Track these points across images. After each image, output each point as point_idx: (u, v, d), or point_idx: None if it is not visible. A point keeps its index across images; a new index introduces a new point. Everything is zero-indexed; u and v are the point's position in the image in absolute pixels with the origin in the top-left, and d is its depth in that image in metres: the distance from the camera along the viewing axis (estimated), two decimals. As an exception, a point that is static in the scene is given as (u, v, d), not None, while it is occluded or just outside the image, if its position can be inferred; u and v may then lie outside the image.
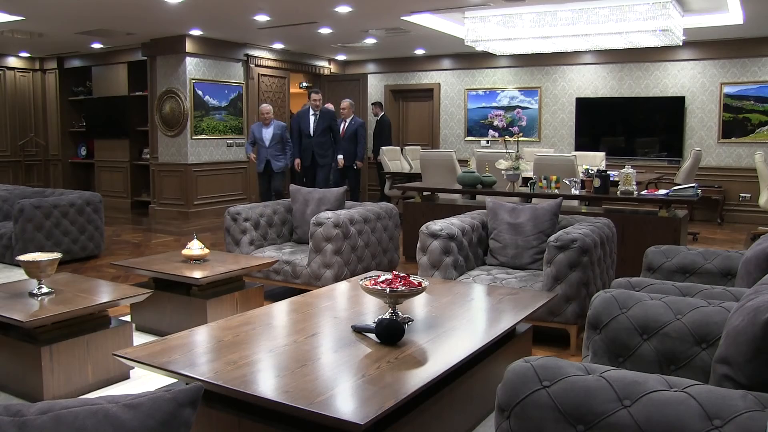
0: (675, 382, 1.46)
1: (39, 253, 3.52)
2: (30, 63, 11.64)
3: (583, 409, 1.45)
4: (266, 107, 8.41)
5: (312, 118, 8.44)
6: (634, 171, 5.63)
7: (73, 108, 11.83)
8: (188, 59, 9.39)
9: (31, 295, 3.45)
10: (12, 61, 11.39)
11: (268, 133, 8.32)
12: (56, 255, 3.49)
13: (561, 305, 3.88)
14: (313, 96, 8.51)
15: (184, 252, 4.34)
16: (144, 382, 3.43)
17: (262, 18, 7.84)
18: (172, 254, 4.64)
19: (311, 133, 8.42)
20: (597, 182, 5.57)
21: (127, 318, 4.20)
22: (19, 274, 5.06)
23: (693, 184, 5.44)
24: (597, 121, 10.32)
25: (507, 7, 7.01)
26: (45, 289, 3.47)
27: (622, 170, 5.58)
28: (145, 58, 9.97)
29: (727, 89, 9.38)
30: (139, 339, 3.81)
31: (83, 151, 11.87)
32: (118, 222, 9.38)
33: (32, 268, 3.41)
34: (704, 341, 2.06)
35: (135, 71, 10.58)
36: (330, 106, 9.69)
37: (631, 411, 1.41)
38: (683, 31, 7.47)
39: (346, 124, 8.81)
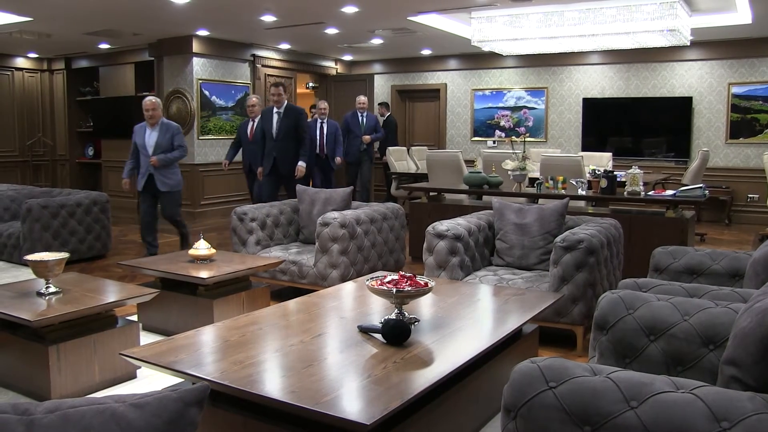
0: (682, 384, 1.45)
1: (46, 253, 3.54)
2: (38, 63, 11.69)
3: (590, 410, 1.44)
4: (150, 101, 6.27)
5: (275, 117, 7.00)
6: (641, 171, 5.61)
7: (81, 108, 11.88)
8: (195, 59, 9.42)
9: (39, 294, 3.47)
10: (20, 62, 11.45)
11: (152, 138, 6.22)
12: (63, 255, 3.51)
13: (567, 306, 3.87)
14: (272, 90, 7.05)
15: (191, 252, 4.35)
16: (150, 381, 3.44)
17: (268, 18, 7.85)
18: (179, 254, 4.65)
19: (273, 135, 7.01)
20: (604, 183, 5.55)
21: (134, 318, 4.21)
22: (26, 274, 5.09)
23: (700, 185, 5.42)
24: (604, 122, 10.28)
25: (513, 7, 7.00)
26: (52, 289, 3.49)
27: (629, 171, 5.56)
28: (152, 58, 10.00)
29: (735, 89, 9.34)
30: (146, 339, 3.83)
31: (90, 151, 11.91)
32: (125, 222, 9.41)
33: (40, 268, 3.43)
34: (712, 342, 2.05)
35: (142, 71, 10.60)
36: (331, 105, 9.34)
37: (637, 412, 1.40)
38: (691, 31, 7.44)
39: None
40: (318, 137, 8.71)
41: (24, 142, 11.58)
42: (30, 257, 3.45)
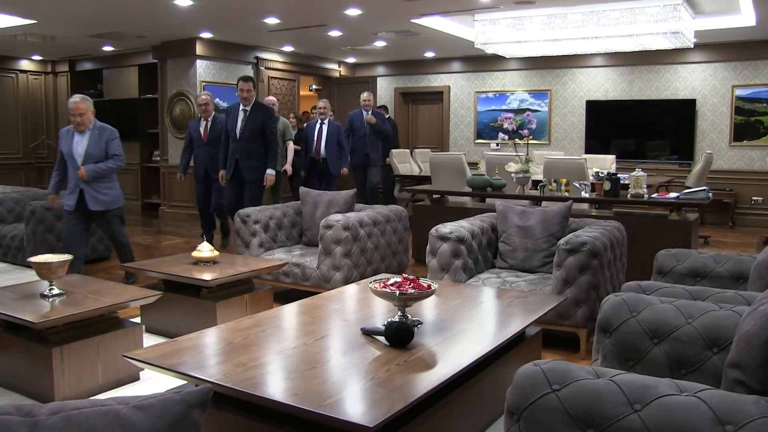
0: (686, 387, 1.45)
1: (50, 255, 3.55)
2: (42, 66, 11.73)
3: (593, 413, 1.44)
4: (76, 102, 5.18)
5: (241, 115, 6.29)
6: (645, 174, 5.60)
7: (85, 110, 11.89)
8: (198, 62, 9.44)
9: (43, 296, 3.47)
10: (24, 64, 11.49)
11: (81, 146, 5.19)
12: (67, 256, 3.51)
13: (571, 309, 3.86)
14: (240, 85, 6.31)
15: (194, 254, 4.35)
16: (154, 383, 3.44)
17: (272, 21, 7.86)
18: (182, 256, 4.65)
19: (237, 135, 6.28)
20: (607, 185, 5.54)
21: (138, 320, 4.21)
22: (30, 276, 5.09)
23: (704, 187, 5.41)
24: (607, 124, 10.28)
25: (517, 9, 7.00)
26: (56, 291, 3.49)
27: (633, 173, 5.55)
28: (156, 60, 10.02)
29: (738, 92, 9.32)
30: (149, 340, 3.83)
31: (94, 154, 11.92)
32: (128, 224, 9.40)
33: (43, 270, 3.43)
34: (715, 345, 2.04)
35: (145, 74, 10.63)
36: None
37: (641, 415, 1.40)
38: (694, 33, 7.43)
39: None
40: (315, 139, 7.98)
41: (28, 144, 11.61)
42: (34, 259, 3.46)
